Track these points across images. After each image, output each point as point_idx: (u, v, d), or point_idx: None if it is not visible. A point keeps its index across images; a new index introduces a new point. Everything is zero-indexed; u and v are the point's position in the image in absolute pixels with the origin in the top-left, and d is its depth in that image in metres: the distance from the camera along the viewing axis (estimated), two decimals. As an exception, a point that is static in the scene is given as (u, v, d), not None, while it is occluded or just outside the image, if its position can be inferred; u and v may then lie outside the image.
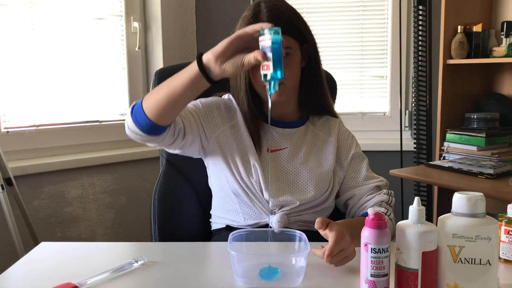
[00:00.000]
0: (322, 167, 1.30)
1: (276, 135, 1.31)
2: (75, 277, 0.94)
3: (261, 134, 1.30)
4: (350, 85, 2.79)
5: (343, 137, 1.36)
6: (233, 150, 1.27)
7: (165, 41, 2.51)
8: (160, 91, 1.09)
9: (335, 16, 2.74)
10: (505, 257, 1.03)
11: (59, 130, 2.25)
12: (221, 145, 1.28)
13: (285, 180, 1.28)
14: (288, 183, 1.27)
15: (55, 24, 2.20)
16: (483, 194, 0.81)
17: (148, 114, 1.10)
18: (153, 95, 1.10)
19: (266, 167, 1.26)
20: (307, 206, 1.27)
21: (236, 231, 1.04)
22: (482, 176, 1.92)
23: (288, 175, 1.28)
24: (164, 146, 1.22)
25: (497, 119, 2.18)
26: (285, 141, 1.31)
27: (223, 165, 1.27)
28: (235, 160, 1.26)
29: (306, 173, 1.28)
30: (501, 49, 2.19)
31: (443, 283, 0.82)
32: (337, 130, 1.36)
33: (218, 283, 0.95)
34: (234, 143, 1.28)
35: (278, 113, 1.31)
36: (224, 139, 1.28)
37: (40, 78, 2.17)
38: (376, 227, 0.81)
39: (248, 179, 1.24)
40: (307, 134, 1.34)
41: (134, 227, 2.44)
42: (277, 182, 1.27)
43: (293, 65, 1.24)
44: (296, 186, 1.27)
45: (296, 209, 1.26)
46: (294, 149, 1.30)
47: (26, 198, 2.01)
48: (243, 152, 1.27)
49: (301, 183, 1.27)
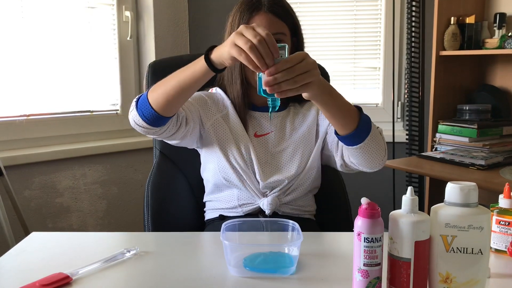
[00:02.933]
0: (305, 141, 1.33)
1: (262, 120, 1.35)
2: (67, 267, 0.93)
3: (248, 121, 1.34)
4: (343, 76, 2.79)
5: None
6: (226, 136, 1.30)
7: (157, 31, 2.49)
8: (168, 83, 1.10)
9: (328, 7, 2.73)
10: (496, 246, 1.04)
11: (50, 120, 2.23)
12: (216, 131, 1.31)
13: (273, 161, 1.31)
14: (275, 164, 1.31)
15: (46, 13, 2.17)
16: (476, 184, 0.81)
17: (155, 106, 1.11)
18: (160, 87, 1.11)
19: (257, 150, 1.30)
20: (296, 184, 1.30)
21: (229, 220, 1.04)
22: (473, 167, 1.93)
23: (275, 156, 1.32)
24: (167, 136, 1.23)
25: (489, 111, 2.19)
26: (271, 124, 1.34)
27: (217, 151, 1.29)
28: (229, 145, 1.30)
29: (290, 150, 1.32)
30: (493, 40, 2.19)
31: (435, 272, 0.83)
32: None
33: (211, 272, 0.95)
34: (227, 130, 1.31)
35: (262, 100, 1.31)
36: (219, 126, 1.32)
37: (31, 67, 2.14)
38: (369, 217, 0.81)
39: (243, 162, 1.28)
40: (289, 114, 1.37)
41: (126, 218, 2.44)
42: (266, 164, 1.31)
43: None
44: (283, 166, 1.31)
45: (285, 187, 1.29)
46: (279, 131, 1.34)
47: (16, 189, 1.99)
48: (235, 138, 1.31)
49: (286, 161, 1.31)
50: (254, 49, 0.93)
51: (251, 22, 1.22)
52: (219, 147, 1.29)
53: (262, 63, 0.93)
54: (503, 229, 1.03)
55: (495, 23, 2.22)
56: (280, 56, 0.96)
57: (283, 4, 1.28)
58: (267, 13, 1.23)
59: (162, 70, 1.49)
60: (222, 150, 1.29)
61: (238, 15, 1.25)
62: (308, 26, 2.73)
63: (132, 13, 2.47)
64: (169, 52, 2.55)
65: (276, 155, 1.32)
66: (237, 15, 1.26)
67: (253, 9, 1.23)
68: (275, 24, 1.24)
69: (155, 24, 2.48)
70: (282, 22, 1.25)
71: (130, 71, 2.51)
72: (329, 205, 1.46)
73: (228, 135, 1.31)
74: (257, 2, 1.24)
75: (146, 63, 2.45)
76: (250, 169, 1.29)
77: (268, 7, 1.24)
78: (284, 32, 1.26)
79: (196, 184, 1.44)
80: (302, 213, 1.33)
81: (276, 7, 1.24)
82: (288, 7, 1.30)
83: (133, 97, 2.60)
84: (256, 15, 1.23)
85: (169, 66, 1.52)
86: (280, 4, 1.26)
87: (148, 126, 1.15)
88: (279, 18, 1.25)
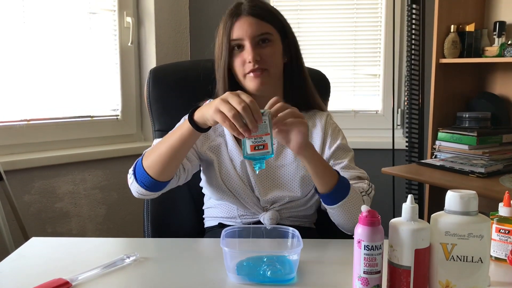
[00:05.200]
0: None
1: None
2: (66, 273, 0.93)
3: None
4: (343, 83, 2.79)
5: (330, 129, 1.34)
6: (223, 154, 1.28)
7: (158, 37, 2.50)
8: (160, 149, 1.12)
9: (328, 14, 2.74)
10: (496, 255, 1.04)
11: (50, 125, 2.23)
12: (213, 150, 1.29)
13: (273, 176, 1.28)
14: (276, 179, 1.28)
15: (47, 18, 2.18)
16: (475, 192, 0.82)
17: (151, 173, 1.14)
18: (153, 155, 1.14)
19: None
20: (297, 204, 1.28)
21: (229, 227, 1.04)
22: (473, 174, 1.93)
23: (276, 171, 1.28)
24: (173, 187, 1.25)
25: (488, 119, 2.19)
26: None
27: (214, 169, 1.27)
28: (224, 163, 1.27)
29: (293, 169, 1.28)
30: (493, 49, 2.20)
31: (435, 281, 0.83)
32: (324, 122, 1.34)
33: (210, 279, 0.95)
34: (224, 147, 1.29)
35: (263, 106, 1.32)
36: (215, 145, 1.30)
37: (32, 72, 2.14)
38: (369, 224, 0.81)
39: (239, 179, 1.26)
40: None
41: (126, 224, 2.43)
42: (266, 179, 1.28)
43: (275, 52, 1.26)
44: (284, 183, 1.28)
45: (287, 205, 1.27)
46: (282, 145, 1.30)
47: (16, 193, 1.99)
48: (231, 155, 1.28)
49: (288, 180, 1.28)
50: (237, 117, 0.96)
51: (234, 28, 1.23)
52: (214, 166, 1.27)
53: (245, 129, 0.96)
54: (503, 237, 1.03)
55: (495, 31, 2.23)
56: (263, 122, 0.98)
57: (264, 6, 1.27)
58: (248, 16, 1.23)
59: (163, 76, 1.50)
60: (218, 168, 1.27)
61: (222, 25, 1.26)
62: (309, 33, 2.74)
63: (133, 19, 2.48)
64: (170, 58, 2.56)
65: (276, 169, 1.29)
66: (221, 26, 1.27)
67: (233, 16, 1.24)
68: (257, 25, 1.23)
69: (156, 30, 2.49)
70: (265, 23, 1.24)
71: (130, 76, 2.51)
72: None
73: (224, 153, 1.28)
74: (237, 9, 1.25)
75: (147, 69, 2.46)
76: (248, 186, 1.26)
77: (248, 10, 1.24)
78: (269, 32, 1.24)
79: (196, 190, 1.43)
80: (303, 223, 1.32)
81: (256, 9, 1.24)
82: (272, 9, 1.29)
83: (134, 103, 2.62)
84: (237, 21, 1.23)
85: (170, 72, 1.54)
86: (260, 6, 1.26)
87: (151, 193, 1.18)
88: (261, 19, 1.24)
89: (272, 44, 1.25)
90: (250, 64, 1.22)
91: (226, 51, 1.24)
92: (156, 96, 1.48)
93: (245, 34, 1.22)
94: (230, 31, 1.23)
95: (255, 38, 1.22)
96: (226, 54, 1.24)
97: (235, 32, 1.23)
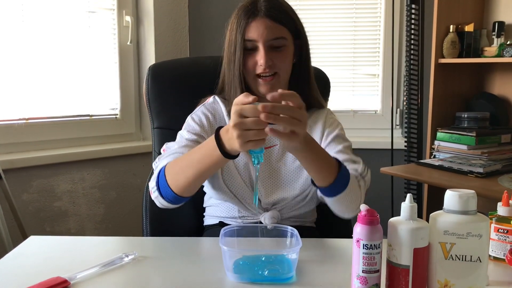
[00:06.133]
0: None
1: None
2: (65, 271, 0.93)
3: None
4: (342, 82, 2.79)
5: (329, 122, 1.33)
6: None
7: (157, 36, 2.50)
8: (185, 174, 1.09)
9: (328, 14, 2.74)
10: (495, 254, 1.04)
11: (49, 123, 2.23)
12: None
13: (277, 177, 1.27)
14: (279, 180, 1.27)
15: (46, 17, 2.18)
16: (474, 191, 0.82)
17: (178, 192, 1.12)
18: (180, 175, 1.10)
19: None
20: (299, 200, 1.27)
21: (228, 226, 1.04)
22: (472, 174, 1.93)
23: (279, 172, 1.28)
24: None
25: (487, 119, 2.19)
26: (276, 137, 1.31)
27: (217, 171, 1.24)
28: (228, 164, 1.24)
29: (295, 168, 1.27)
30: (492, 49, 2.20)
31: (434, 280, 0.83)
32: (324, 117, 1.33)
33: (209, 278, 0.95)
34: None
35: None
36: None
37: (31, 71, 2.14)
38: (368, 223, 0.81)
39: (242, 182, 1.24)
40: None
41: (124, 223, 2.43)
42: (269, 179, 1.27)
43: (287, 56, 1.24)
44: (287, 183, 1.27)
45: (289, 204, 1.26)
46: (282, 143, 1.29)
47: (15, 192, 1.99)
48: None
49: (290, 179, 1.27)
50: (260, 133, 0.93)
51: (248, 29, 1.20)
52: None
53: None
54: (501, 237, 1.03)
55: (494, 32, 2.23)
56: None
57: (282, 7, 1.24)
58: (264, 18, 1.20)
59: (162, 73, 1.50)
60: (221, 171, 1.24)
61: (236, 22, 1.23)
62: (308, 33, 2.72)
63: (132, 17, 2.47)
64: (169, 56, 2.56)
65: (279, 170, 1.27)
66: (234, 22, 1.23)
67: (250, 15, 1.20)
68: (273, 29, 1.20)
69: (155, 29, 2.49)
70: (281, 26, 1.21)
71: (130, 75, 2.51)
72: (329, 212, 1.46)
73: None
74: (254, 8, 1.20)
75: (146, 68, 2.44)
76: (251, 188, 1.24)
77: (265, 12, 1.20)
78: (284, 36, 1.22)
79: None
80: (303, 223, 1.32)
81: (273, 11, 1.20)
82: (288, 9, 1.25)
83: (133, 102, 2.62)
84: (253, 21, 1.20)
85: (169, 69, 1.54)
86: (278, 8, 1.22)
87: (175, 206, 1.18)
88: (278, 22, 1.21)
89: (285, 48, 1.23)
90: (261, 67, 1.21)
91: (241, 51, 1.21)
92: (155, 93, 1.47)
93: (260, 37, 1.19)
94: (244, 30, 1.20)
95: (269, 42, 1.20)
96: (240, 53, 1.21)
97: (249, 32, 1.20)
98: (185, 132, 1.26)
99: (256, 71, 1.23)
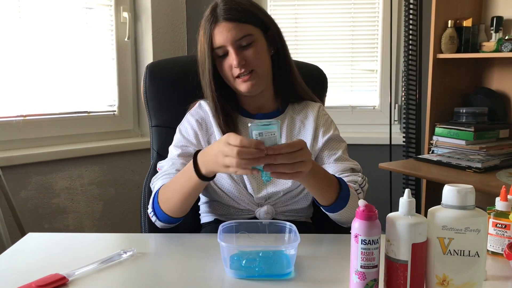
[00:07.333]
0: None
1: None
2: (63, 268, 0.93)
3: (239, 128, 1.30)
4: (341, 78, 2.79)
5: (322, 120, 1.34)
6: None
7: (154, 32, 2.49)
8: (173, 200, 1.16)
9: (326, 9, 2.74)
10: (493, 249, 1.04)
11: (47, 120, 2.22)
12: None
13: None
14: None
15: (44, 13, 2.17)
16: (473, 186, 0.82)
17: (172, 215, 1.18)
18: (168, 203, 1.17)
19: None
20: (292, 195, 1.27)
21: (226, 222, 1.04)
22: (470, 170, 1.94)
23: None
24: None
25: (485, 114, 2.19)
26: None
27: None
28: None
29: None
30: (490, 44, 2.20)
31: (432, 275, 0.83)
32: (316, 113, 1.34)
33: (208, 274, 0.95)
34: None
35: (255, 106, 1.33)
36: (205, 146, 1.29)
37: (28, 67, 2.14)
38: (366, 219, 0.81)
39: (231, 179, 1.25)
40: (284, 122, 1.33)
41: (123, 219, 2.43)
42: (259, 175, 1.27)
43: (259, 51, 1.25)
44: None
45: (282, 199, 1.27)
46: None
47: (13, 189, 1.99)
48: None
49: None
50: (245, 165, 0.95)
51: (213, 35, 1.22)
52: None
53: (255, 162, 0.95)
54: (499, 231, 1.03)
55: (492, 27, 2.23)
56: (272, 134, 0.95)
57: (239, 6, 1.24)
58: (224, 22, 1.21)
59: (159, 72, 1.49)
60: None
61: (202, 32, 1.25)
62: (306, 29, 2.74)
63: (130, 14, 2.47)
64: (167, 53, 2.55)
65: None
66: (201, 32, 1.26)
67: (211, 23, 1.22)
68: (236, 29, 1.21)
69: (153, 25, 2.48)
70: (243, 24, 1.22)
71: (127, 72, 2.50)
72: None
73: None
74: (214, 15, 1.23)
75: (144, 64, 2.45)
76: (241, 184, 1.25)
77: (224, 16, 1.21)
78: (249, 33, 1.22)
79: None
80: (298, 218, 1.32)
81: (232, 12, 1.22)
82: (247, 6, 1.25)
83: (131, 98, 2.61)
84: (215, 28, 1.22)
85: (167, 67, 1.53)
86: (236, 8, 1.23)
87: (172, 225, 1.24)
88: (239, 21, 1.21)
89: (255, 43, 1.23)
90: (236, 69, 1.23)
91: (209, 59, 1.24)
92: (152, 91, 1.47)
93: (225, 40, 1.21)
94: (210, 39, 1.23)
95: (236, 42, 1.21)
96: (209, 62, 1.24)
97: (216, 40, 1.22)
98: (174, 148, 1.30)
99: (234, 74, 1.24)
